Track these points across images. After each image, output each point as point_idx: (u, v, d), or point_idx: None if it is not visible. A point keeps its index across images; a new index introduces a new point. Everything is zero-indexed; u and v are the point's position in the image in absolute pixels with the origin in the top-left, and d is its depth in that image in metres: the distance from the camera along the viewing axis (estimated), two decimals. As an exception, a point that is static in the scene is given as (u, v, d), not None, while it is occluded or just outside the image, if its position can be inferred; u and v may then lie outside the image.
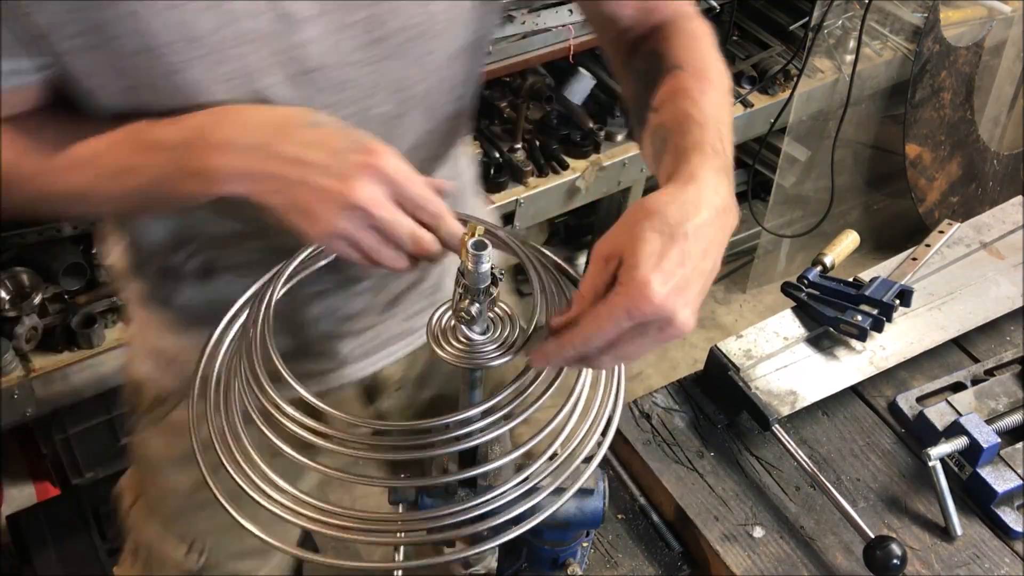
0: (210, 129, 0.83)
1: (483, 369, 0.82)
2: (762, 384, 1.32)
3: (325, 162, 0.79)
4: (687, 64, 0.95)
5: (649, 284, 0.72)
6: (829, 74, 2.75)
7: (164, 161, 0.84)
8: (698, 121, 0.87)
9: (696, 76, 0.94)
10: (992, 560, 1.20)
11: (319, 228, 0.79)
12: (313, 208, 0.79)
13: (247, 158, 0.81)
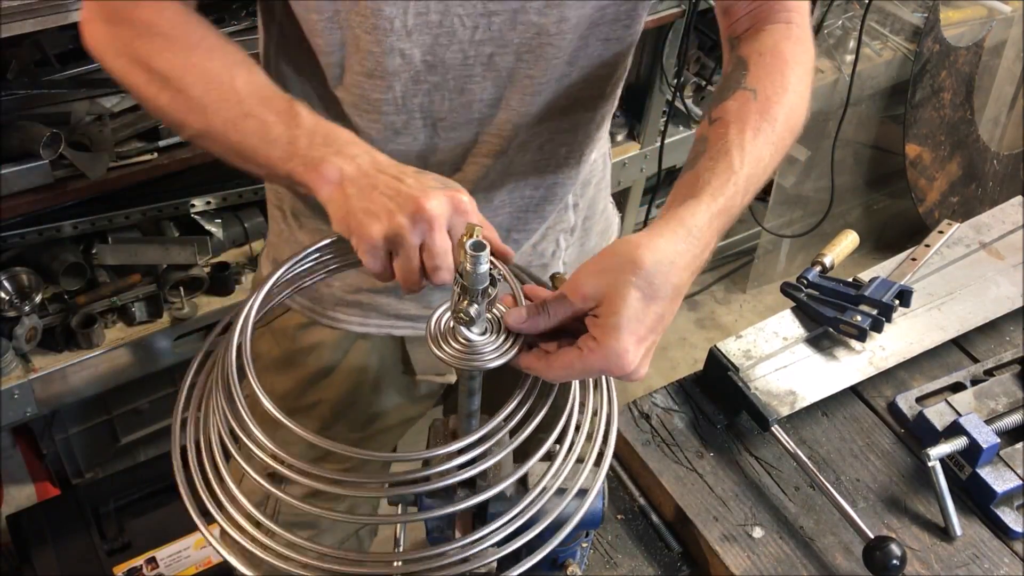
0: (342, 137, 0.91)
1: (481, 370, 0.82)
2: (761, 384, 1.32)
3: (411, 182, 0.87)
4: (760, 91, 0.95)
5: (627, 352, 0.78)
6: (829, 74, 2.75)
7: (293, 134, 0.90)
8: (732, 166, 0.89)
9: (761, 110, 0.94)
10: (992, 560, 1.20)
11: (380, 223, 0.84)
12: (380, 208, 0.85)
13: (358, 170, 0.88)
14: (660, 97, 2.44)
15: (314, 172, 0.88)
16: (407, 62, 1.00)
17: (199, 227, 2.03)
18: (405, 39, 0.98)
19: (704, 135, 0.94)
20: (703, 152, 0.92)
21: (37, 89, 1.70)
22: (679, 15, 2.25)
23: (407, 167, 0.90)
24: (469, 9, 0.97)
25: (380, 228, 0.84)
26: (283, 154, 0.90)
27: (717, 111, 0.95)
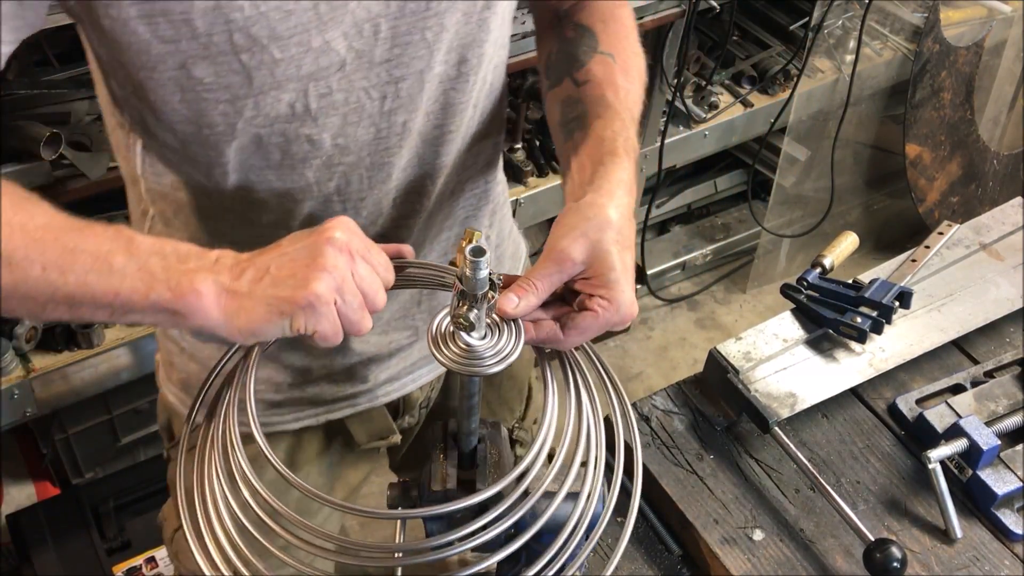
0: (190, 249, 0.82)
1: (481, 375, 0.82)
2: (761, 386, 1.32)
3: (288, 242, 0.82)
4: (618, 55, 1.05)
5: (633, 300, 0.87)
6: (829, 74, 2.75)
7: (141, 260, 0.79)
8: (623, 120, 0.98)
9: (624, 71, 1.04)
10: (992, 562, 1.20)
11: (317, 279, 0.79)
12: (298, 270, 0.80)
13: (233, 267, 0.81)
14: (660, 97, 2.44)
15: (190, 294, 0.78)
16: (316, 148, 0.93)
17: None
18: (311, 124, 0.91)
19: (576, 96, 1.02)
20: (590, 113, 0.99)
21: (37, 89, 1.70)
22: (679, 15, 2.25)
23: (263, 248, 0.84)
24: (374, 80, 0.92)
25: (322, 282, 0.78)
26: (138, 284, 0.78)
27: (581, 74, 1.02)
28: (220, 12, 0.79)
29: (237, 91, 0.85)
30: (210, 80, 0.84)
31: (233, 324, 0.80)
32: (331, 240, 0.80)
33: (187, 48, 0.81)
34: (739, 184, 3.16)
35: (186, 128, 0.89)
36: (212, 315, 0.79)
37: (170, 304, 0.78)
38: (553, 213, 2.49)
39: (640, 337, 2.97)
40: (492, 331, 0.82)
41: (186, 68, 0.83)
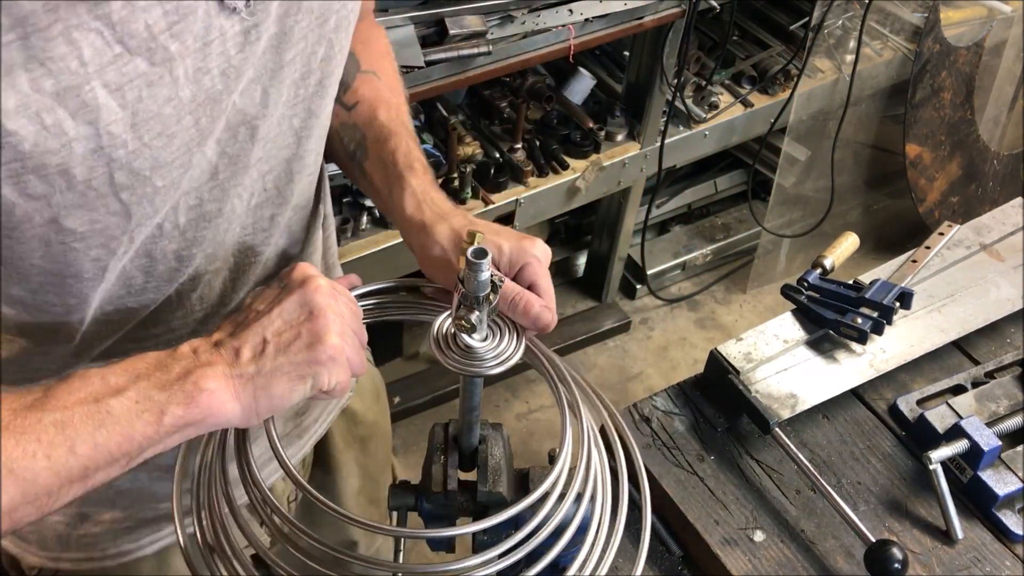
0: (169, 355, 0.76)
1: (482, 376, 0.82)
2: (762, 387, 1.32)
3: (264, 306, 0.79)
4: (381, 73, 1.08)
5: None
6: (829, 74, 2.75)
7: (141, 393, 0.72)
8: (415, 141, 1.03)
9: (391, 87, 1.08)
10: (993, 563, 1.20)
11: (325, 331, 0.77)
12: (295, 325, 0.78)
13: (222, 348, 0.77)
14: (660, 97, 2.44)
15: (201, 398, 0.73)
16: (184, 263, 0.87)
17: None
18: (179, 239, 0.84)
19: (350, 122, 1.04)
20: (376, 138, 1.02)
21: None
22: (679, 15, 2.25)
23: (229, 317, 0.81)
24: (246, 181, 0.86)
25: (333, 333, 0.77)
26: (147, 416, 0.71)
27: (349, 97, 1.04)
28: (102, 154, 0.70)
29: (113, 231, 0.76)
30: (84, 229, 0.74)
31: (253, 410, 0.76)
32: (318, 288, 0.79)
33: (60, 201, 0.70)
34: (739, 184, 3.15)
35: (43, 280, 0.78)
36: (228, 408, 0.75)
37: (185, 419, 0.73)
38: (553, 212, 2.49)
39: (640, 337, 2.97)
40: (493, 333, 0.82)
41: (56, 222, 0.72)
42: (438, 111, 2.36)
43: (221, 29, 0.73)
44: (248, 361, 0.75)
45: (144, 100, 0.70)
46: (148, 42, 0.68)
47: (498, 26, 2.00)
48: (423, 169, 0.99)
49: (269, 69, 0.81)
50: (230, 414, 0.75)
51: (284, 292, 0.80)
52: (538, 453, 2.58)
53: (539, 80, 2.47)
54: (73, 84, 0.65)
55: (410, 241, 0.96)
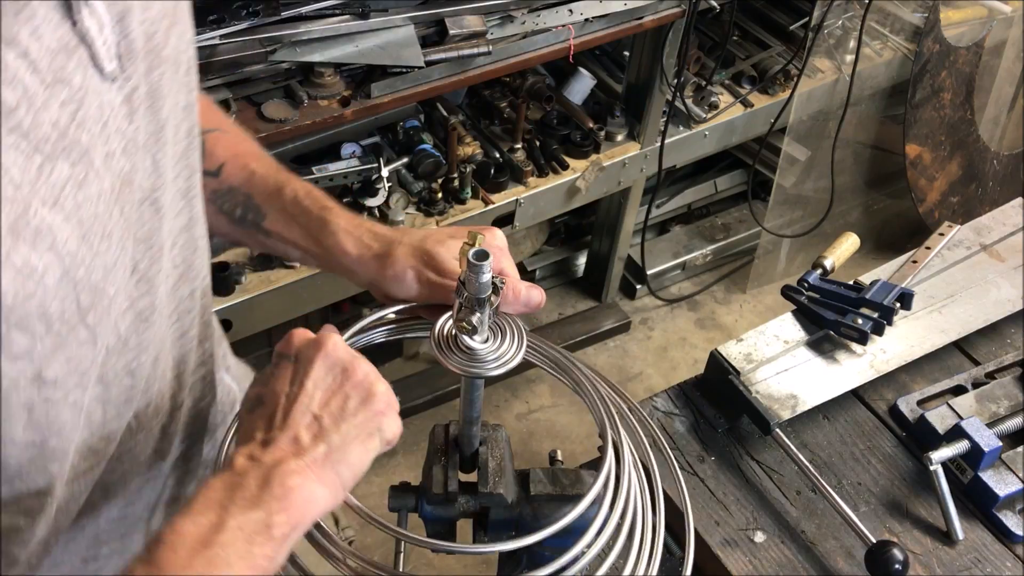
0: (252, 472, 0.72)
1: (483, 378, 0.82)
2: (762, 388, 1.32)
3: (328, 391, 0.77)
4: (226, 127, 1.02)
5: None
6: (829, 74, 2.75)
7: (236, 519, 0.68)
8: (301, 179, 0.99)
9: (246, 140, 1.03)
10: (994, 564, 1.20)
11: (382, 403, 0.77)
12: (364, 416, 0.76)
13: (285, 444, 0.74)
14: (660, 97, 2.44)
15: (293, 498, 0.70)
16: (136, 377, 0.79)
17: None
18: (124, 350, 0.76)
19: (222, 188, 0.98)
20: (266, 192, 0.97)
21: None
22: (679, 15, 2.24)
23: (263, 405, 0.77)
24: (164, 265, 0.79)
25: (379, 383, 0.77)
26: (261, 539, 0.67)
27: (209, 161, 0.97)
28: (68, 279, 0.63)
29: (85, 364, 0.68)
30: (62, 373, 0.65)
31: (339, 486, 0.73)
32: (335, 345, 0.78)
33: (41, 350, 0.62)
34: (739, 184, 3.15)
35: (23, 459, 0.66)
36: (319, 496, 0.71)
37: (290, 523, 0.69)
38: (553, 213, 2.49)
39: (640, 337, 2.96)
40: (495, 335, 0.82)
41: (40, 377, 0.63)
42: (438, 111, 2.37)
43: (111, 103, 0.66)
44: (312, 443, 0.73)
45: (81, 205, 0.63)
46: (61, 141, 0.61)
47: (498, 26, 2.00)
48: (337, 204, 0.97)
49: (152, 133, 0.74)
50: (322, 501, 0.72)
51: (302, 364, 0.77)
52: (538, 454, 2.58)
53: (539, 80, 2.48)
54: (19, 212, 0.58)
55: (361, 277, 0.94)
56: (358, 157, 2.18)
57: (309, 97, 1.85)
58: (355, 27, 1.85)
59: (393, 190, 2.20)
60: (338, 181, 2.13)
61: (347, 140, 2.21)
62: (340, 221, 0.95)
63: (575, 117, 2.47)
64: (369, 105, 1.89)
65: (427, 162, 2.22)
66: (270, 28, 1.78)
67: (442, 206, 2.22)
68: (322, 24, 1.83)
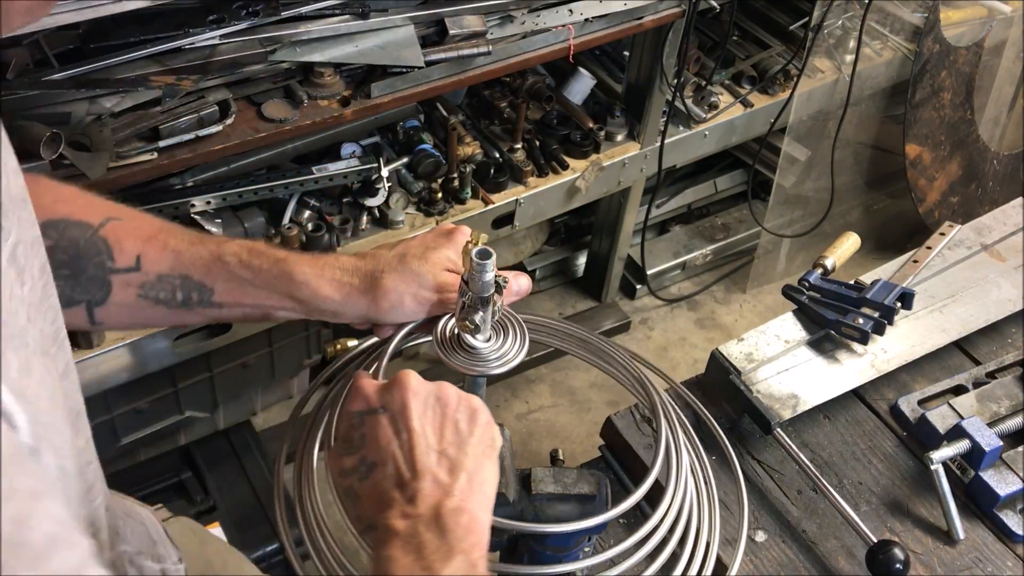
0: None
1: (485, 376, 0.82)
2: (763, 388, 1.32)
3: (437, 423, 0.78)
4: (114, 213, 0.94)
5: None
6: (829, 74, 2.74)
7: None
8: (226, 238, 0.97)
9: (145, 217, 0.96)
10: (994, 564, 1.20)
11: (485, 416, 0.80)
12: (479, 434, 0.79)
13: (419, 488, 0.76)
14: (660, 97, 2.43)
15: (473, 526, 0.74)
16: (93, 494, 0.78)
17: (199, 227, 2.03)
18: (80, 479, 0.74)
19: (153, 276, 0.92)
20: (205, 267, 0.92)
21: (37, 89, 1.69)
22: (679, 15, 2.24)
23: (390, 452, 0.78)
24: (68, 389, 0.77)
25: (468, 398, 0.79)
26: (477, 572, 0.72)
27: (123, 257, 0.92)
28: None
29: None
30: None
31: (490, 506, 0.77)
32: (409, 376, 0.78)
33: None
34: (739, 184, 3.15)
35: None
36: (485, 519, 0.76)
37: (483, 555, 0.74)
38: (553, 213, 2.49)
39: (640, 337, 2.96)
40: (497, 334, 0.82)
41: None
42: (438, 111, 2.36)
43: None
44: (452, 478, 0.75)
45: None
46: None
47: (498, 26, 2.00)
48: (287, 251, 0.94)
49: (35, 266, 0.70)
50: (487, 522, 0.75)
51: (396, 410, 0.78)
52: (538, 453, 2.57)
53: (539, 80, 2.47)
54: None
55: (349, 316, 0.93)
56: (358, 157, 2.18)
57: (309, 97, 1.85)
58: (355, 27, 1.85)
59: (393, 190, 2.19)
60: (338, 181, 2.13)
61: (347, 140, 2.21)
62: (304, 268, 0.92)
63: (575, 117, 2.47)
64: (369, 105, 1.89)
65: (427, 162, 2.22)
66: (270, 28, 1.78)
67: (442, 206, 2.22)
68: (322, 24, 1.82)
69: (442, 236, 0.93)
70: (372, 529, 0.74)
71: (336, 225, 2.11)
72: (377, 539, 0.73)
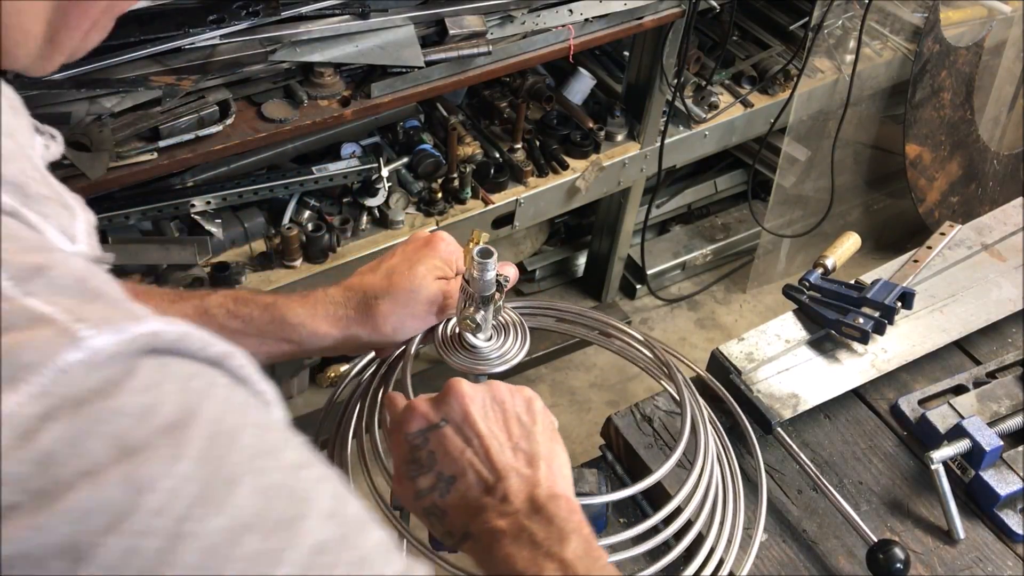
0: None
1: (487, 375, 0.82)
2: (764, 387, 1.32)
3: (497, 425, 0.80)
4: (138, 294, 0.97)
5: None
6: (829, 74, 2.75)
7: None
8: (208, 291, 0.96)
9: (149, 291, 0.99)
10: (995, 563, 1.20)
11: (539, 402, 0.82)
12: (545, 424, 0.82)
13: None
14: (660, 97, 2.44)
15: (571, 504, 0.77)
16: None
17: (199, 227, 2.03)
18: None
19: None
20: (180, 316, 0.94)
21: (37, 89, 1.69)
22: (679, 15, 2.24)
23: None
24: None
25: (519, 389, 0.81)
26: (596, 552, 0.74)
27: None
28: None
29: None
30: None
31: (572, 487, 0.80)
32: (460, 382, 0.79)
33: None
34: (739, 184, 3.15)
35: None
36: (575, 498, 0.78)
37: (590, 529, 0.76)
38: (553, 213, 2.49)
39: (640, 337, 2.96)
40: (498, 333, 0.82)
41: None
42: (438, 111, 2.37)
43: None
44: (532, 469, 0.77)
45: None
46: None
47: (498, 26, 2.00)
48: (272, 295, 0.95)
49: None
50: (575, 500, 0.78)
51: (458, 420, 0.79)
52: (538, 453, 2.57)
53: (539, 80, 2.47)
54: None
55: (349, 347, 0.95)
56: (358, 157, 2.18)
57: (309, 97, 1.85)
58: (355, 27, 1.85)
59: (393, 190, 2.19)
60: (338, 181, 2.13)
61: (347, 140, 2.21)
62: (297, 309, 0.92)
63: (575, 117, 2.47)
64: (369, 105, 1.89)
65: (427, 162, 2.22)
66: (270, 28, 1.78)
67: (442, 206, 2.22)
68: (322, 24, 1.83)
69: (423, 247, 0.92)
70: (469, 538, 0.75)
71: (336, 225, 2.11)
72: (481, 545, 0.74)
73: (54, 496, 0.38)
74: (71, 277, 0.45)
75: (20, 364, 0.39)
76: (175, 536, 0.40)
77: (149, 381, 0.42)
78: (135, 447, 0.40)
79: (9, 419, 0.38)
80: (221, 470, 0.43)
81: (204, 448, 0.42)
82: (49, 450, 0.39)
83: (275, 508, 0.44)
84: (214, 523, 0.41)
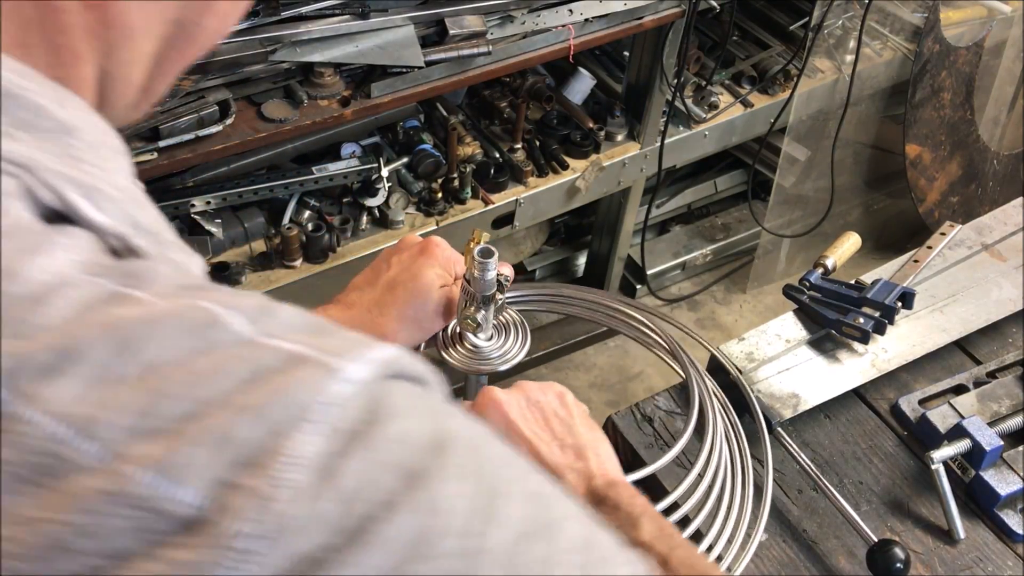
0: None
1: (487, 375, 0.82)
2: (764, 387, 1.32)
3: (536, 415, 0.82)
4: None
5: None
6: (829, 74, 2.75)
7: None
8: None
9: None
10: (995, 563, 1.20)
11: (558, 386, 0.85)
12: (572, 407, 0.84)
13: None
14: (660, 97, 2.44)
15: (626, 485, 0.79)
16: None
17: (199, 227, 2.03)
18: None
19: None
20: None
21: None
22: (679, 15, 2.24)
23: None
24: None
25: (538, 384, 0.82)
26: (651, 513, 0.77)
27: None
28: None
29: None
30: None
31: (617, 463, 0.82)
32: (501, 389, 0.80)
33: None
34: (739, 184, 3.15)
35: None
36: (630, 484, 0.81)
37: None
38: (553, 213, 2.49)
39: (640, 337, 2.96)
40: (499, 332, 0.82)
41: None
42: (438, 111, 2.36)
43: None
44: (581, 460, 0.78)
45: None
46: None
47: (498, 26, 2.00)
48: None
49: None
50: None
51: (502, 427, 0.81)
52: (538, 453, 2.57)
53: (539, 80, 2.47)
54: None
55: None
56: (358, 157, 2.18)
57: (309, 97, 1.85)
58: (355, 27, 1.85)
59: (393, 190, 2.19)
60: (338, 181, 2.13)
61: (347, 140, 2.21)
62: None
63: (575, 117, 2.47)
64: (369, 105, 1.89)
65: (427, 162, 2.22)
66: (270, 28, 1.78)
67: (442, 206, 2.22)
68: (322, 24, 1.83)
69: (419, 255, 0.91)
70: None
71: (336, 225, 2.11)
72: None
73: (364, 532, 0.39)
74: (289, 311, 0.45)
75: (297, 404, 0.39)
76: (475, 553, 0.41)
77: (401, 405, 0.42)
78: (416, 472, 0.40)
79: (310, 461, 0.38)
80: (489, 483, 0.43)
81: (468, 464, 0.43)
82: (352, 487, 0.39)
83: (540, 512, 0.45)
84: (500, 535, 0.42)
